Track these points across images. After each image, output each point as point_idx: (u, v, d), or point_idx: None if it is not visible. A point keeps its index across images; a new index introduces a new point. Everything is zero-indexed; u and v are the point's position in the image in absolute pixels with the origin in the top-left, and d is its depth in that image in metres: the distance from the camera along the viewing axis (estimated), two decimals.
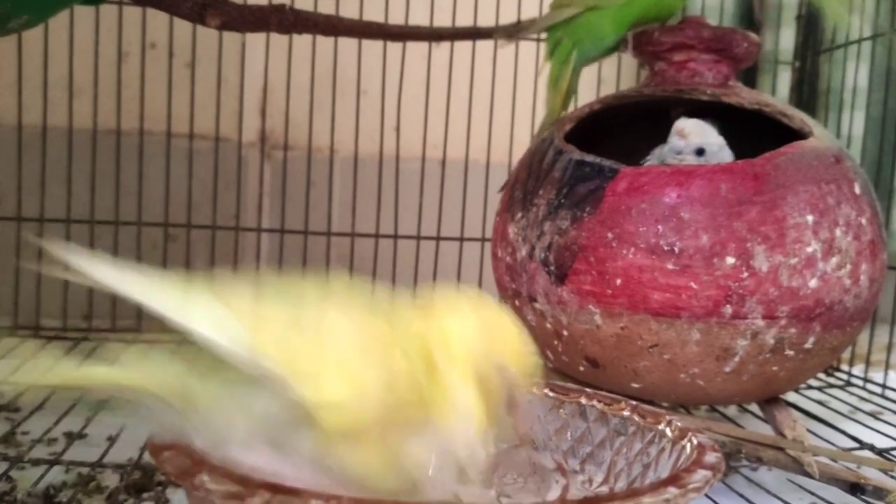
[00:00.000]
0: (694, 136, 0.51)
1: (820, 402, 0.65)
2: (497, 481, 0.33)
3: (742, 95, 0.52)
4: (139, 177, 0.72)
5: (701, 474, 0.27)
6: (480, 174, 0.78)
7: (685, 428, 0.32)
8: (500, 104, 0.78)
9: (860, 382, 0.71)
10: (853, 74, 0.77)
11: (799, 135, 0.50)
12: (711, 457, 0.29)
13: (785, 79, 0.84)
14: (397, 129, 0.76)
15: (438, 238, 0.78)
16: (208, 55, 0.76)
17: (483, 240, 0.78)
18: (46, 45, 0.71)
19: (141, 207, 0.73)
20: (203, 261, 0.78)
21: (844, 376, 0.74)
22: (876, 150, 0.81)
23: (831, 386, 0.71)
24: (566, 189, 0.49)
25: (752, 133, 0.53)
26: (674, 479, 0.26)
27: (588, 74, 0.80)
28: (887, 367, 0.69)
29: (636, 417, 0.34)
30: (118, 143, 0.72)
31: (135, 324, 0.74)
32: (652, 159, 0.52)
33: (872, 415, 0.63)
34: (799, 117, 0.52)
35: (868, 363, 0.72)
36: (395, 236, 0.76)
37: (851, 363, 0.74)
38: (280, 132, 0.86)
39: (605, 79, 0.83)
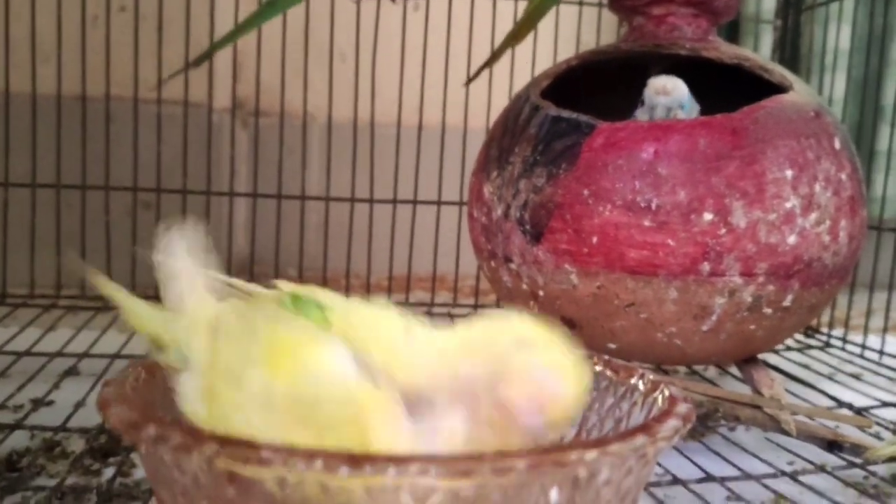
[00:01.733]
0: (676, 90, 0.50)
1: (799, 364, 0.65)
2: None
3: (721, 50, 0.51)
4: (106, 143, 0.70)
5: (671, 423, 0.26)
6: (458, 139, 0.77)
7: (657, 381, 0.32)
8: (476, 68, 0.77)
9: (839, 344, 0.71)
10: (835, 35, 0.76)
11: (779, 90, 0.49)
12: (682, 407, 0.28)
13: (767, 40, 0.82)
14: (372, 95, 0.75)
15: (415, 202, 0.77)
16: (176, 17, 0.74)
17: (461, 203, 0.77)
18: (7, 8, 0.68)
19: (109, 175, 0.71)
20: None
21: (824, 338, 0.73)
22: (857, 113, 0.80)
23: (810, 347, 0.71)
24: (542, 146, 0.48)
25: (731, 91, 0.52)
26: (643, 428, 0.25)
27: (567, 35, 0.79)
28: (867, 329, 0.69)
29: (608, 372, 0.34)
30: (84, 109, 0.70)
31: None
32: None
33: (852, 375, 0.63)
34: (779, 72, 0.51)
35: (847, 327, 0.71)
36: (371, 200, 0.74)
37: (831, 326, 0.74)
38: (252, 98, 0.84)
39: (585, 42, 0.81)
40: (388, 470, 0.21)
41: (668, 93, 0.51)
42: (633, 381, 0.33)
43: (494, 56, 0.58)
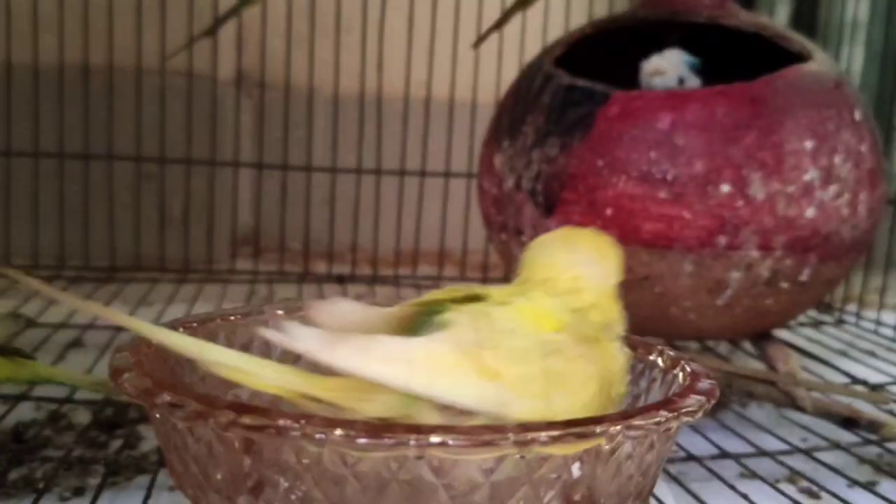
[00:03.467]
0: (671, 68, 0.49)
1: (812, 340, 0.64)
2: None
3: (740, 17, 0.50)
4: (109, 113, 0.69)
5: (693, 399, 0.26)
6: (466, 113, 0.75)
7: (677, 357, 0.31)
8: (486, 41, 0.75)
9: (853, 320, 0.70)
10: (853, 7, 0.74)
11: (798, 59, 0.48)
12: (705, 383, 0.28)
13: (783, 12, 0.81)
14: (379, 67, 0.73)
15: (423, 173, 0.76)
16: None
17: (469, 175, 0.76)
18: None
19: (112, 144, 0.70)
20: (179, 198, 0.75)
21: (837, 314, 0.73)
22: (875, 86, 0.78)
23: (824, 323, 0.70)
24: (555, 115, 0.47)
25: (749, 62, 0.51)
26: (666, 403, 0.25)
27: (579, 8, 0.77)
28: (881, 306, 0.68)
29: (625, 349, 0.33)
30: (86, 79, 0.69)
31: (108, 265, 0.72)
32: None
33: (866, 352, 0.62)
34: (798, 40, 0.50)
35: (861, 303, 0.71)
36: (379, 171, 0.73)
37: (844, 302, 0.73)
38: (257, 70, 0.82)
39: (597, 15, 0.80)
40: (409, 441, 0.20)
41: (663, 73, 0.50)
42: (651, 357, 0.32)
43: (504, 17, 0.56)
